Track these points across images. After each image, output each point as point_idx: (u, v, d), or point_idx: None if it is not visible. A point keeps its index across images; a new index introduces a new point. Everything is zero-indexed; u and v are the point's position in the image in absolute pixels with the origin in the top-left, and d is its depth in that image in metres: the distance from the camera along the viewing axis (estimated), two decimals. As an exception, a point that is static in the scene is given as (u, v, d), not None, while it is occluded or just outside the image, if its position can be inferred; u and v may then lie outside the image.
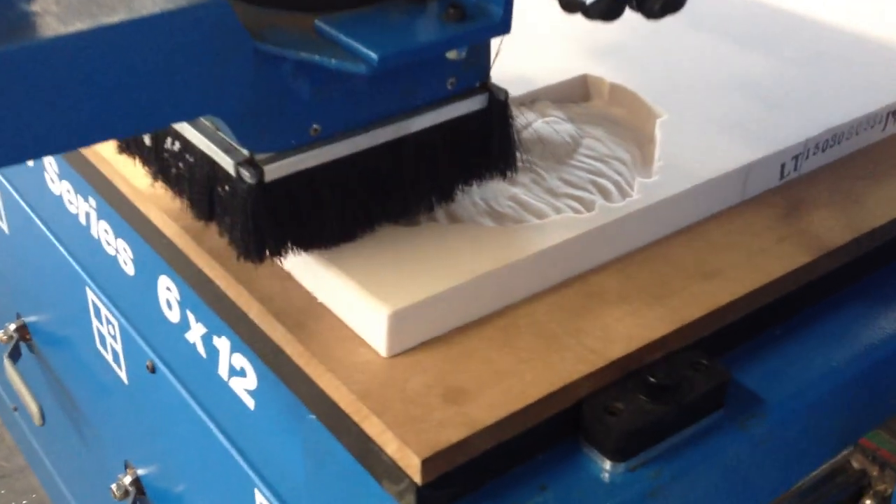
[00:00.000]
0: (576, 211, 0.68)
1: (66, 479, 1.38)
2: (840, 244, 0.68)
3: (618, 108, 0.80)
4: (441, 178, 0.64)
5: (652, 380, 0.57)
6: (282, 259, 0.61)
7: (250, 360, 0.70)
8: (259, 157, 0.56)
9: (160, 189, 0.70)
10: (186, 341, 0.78)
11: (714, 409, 0.59)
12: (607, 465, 0.56)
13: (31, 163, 0.98)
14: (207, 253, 0.66)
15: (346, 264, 0.60)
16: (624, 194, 0.70)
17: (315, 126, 0.57)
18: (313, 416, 0.59)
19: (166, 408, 0.88)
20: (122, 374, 0.96)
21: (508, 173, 0.66)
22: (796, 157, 0.74)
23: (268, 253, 0.59)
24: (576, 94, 0.82)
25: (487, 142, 0.64)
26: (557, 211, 0.68)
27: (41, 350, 1.25)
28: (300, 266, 0.63)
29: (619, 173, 0.72)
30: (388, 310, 0.57)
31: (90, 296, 0.96)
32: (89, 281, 0.96)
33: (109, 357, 0.98)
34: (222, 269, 0.64)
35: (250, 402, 0.72)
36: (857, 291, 0.70)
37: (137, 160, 0.68)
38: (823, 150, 0.75)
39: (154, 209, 0.70)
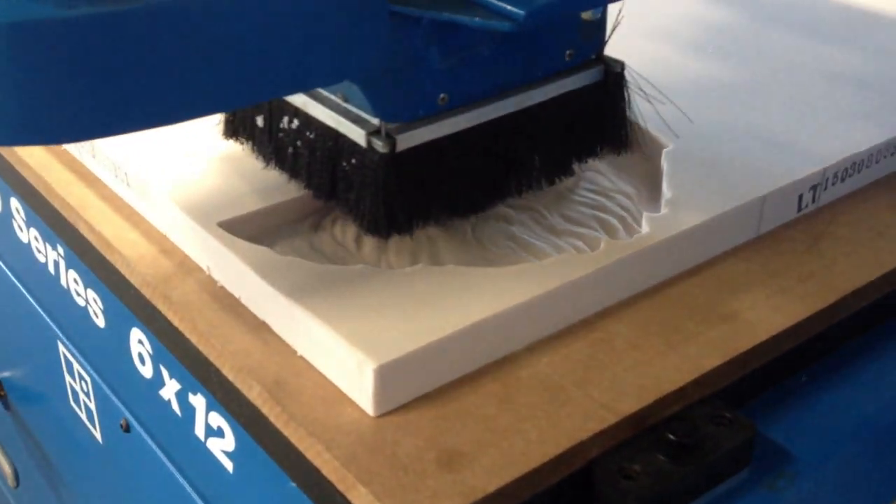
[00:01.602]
0: (578, 250, 0.63)
1: (44, 542, 1.32)
2: (867, 281, 0.63)
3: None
4: (558, 152, 0.64)
5: (671, 437, 0.51)
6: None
7: (227, 420, 0.64)
8: (388, 127, 0.56)
9: (128, 235, 0.66)
10: (161, 398, 0.73)
11: (740, 469, 0.53)
12: (623, 534, 0.50)
13: (-2, 209, 0.94)
14: (178, 303, 0.60)
15: (328, 313, 0.55)
16: (630, 231, 0.65)
17: (443, 95, 0.57)
18: (294, 485, 0.54)
19: (142, 469, 0.82)
20: (97, 433, 0.91)
21: (622, 149, 0.66)
22: (815, 188, 0.69)
23: (394, 226, 0.59)
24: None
25: (602, 115, 0.64)
26: (559, 250, 0.63)
27: (16, 406, 1.20)
28: (278, 316, 0.57)
29: (625, 208, 0.67)
30: (375, 363, 0.51)
31: (62, 349, 0.92)
32: (60, 334, 0.91)
33: (83, 415, 0.93)
34: (193, 321, 0.59)
35: (229, 465, 0.66)
36: (889, 331, 0.65)
37: (248, 144, 0.67)
38: (843, 180, 0.70)
39: (120, 257, 0.65)
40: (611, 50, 0.65)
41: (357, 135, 0.57)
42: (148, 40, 0.43)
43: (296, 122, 0.61)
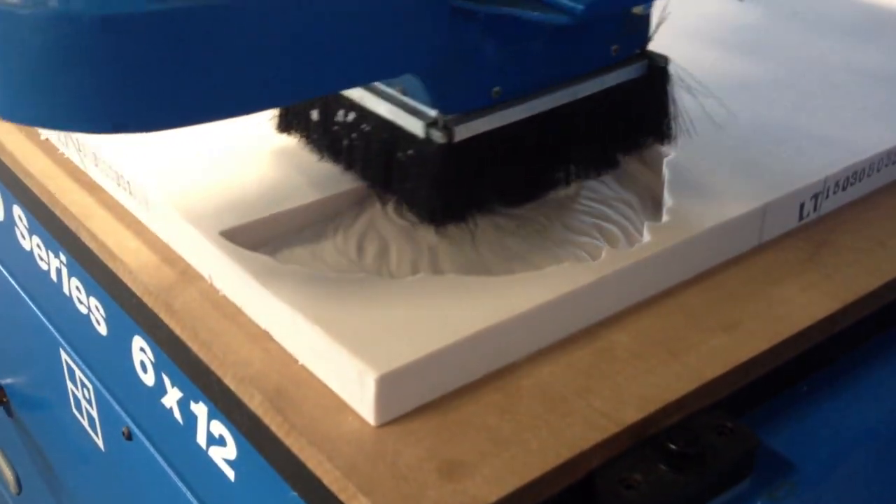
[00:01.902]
0: (580, 259, 0.63)
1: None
2: (869, 290, 0.62)
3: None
4: (604, 144, 0.66)
5: (672, 447, 0.51)
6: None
7: (229, 429, 0.64)
8: (445, 119, 0.58)
9: (130, 244, 0.66)
10: (163, 406, 0.73)
11: (741, 478, 0.53)
12: (624, 544, 0.50)
13: (0, 216, 0.94)
14: (180, 312, 0.60)
15: (329, 322, 0.55)
16: (631, 239, 0.65)
17: (496, 88, 0.59)
18: (295, 494, 0.54)
19: (144, 477, 0.82)
20: (99, 441, 0.91)
21: (664, 142, 0.68)
22: (816, 196, 0.69)
23: (449, 215, 0.61)
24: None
25: (646, 109, 0.66)
26: (560, 259, 0.63)
27: (18, 413, 1.20)
28: (279, 325, 0.57)
29: (626, 216, 0.67)
30: (376, 373, 0.51)
31: (64, 357, 0.91)
32: (62, 341, 0.91)
33: (85, 422, 0.93)
34: (195, 330, 0.59)
35: (230, 473, 0.66)
36: (890, 341, 0.65)
37: (301, 137, 0.69)
38: (844, 189, 0.70)
39: (123, 266, 0.65)
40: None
41: (415, 126, 0.59)
42: (232, 33, 0.46)
43: (351, 115, 0.63)
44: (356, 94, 0.62)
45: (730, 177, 0.69)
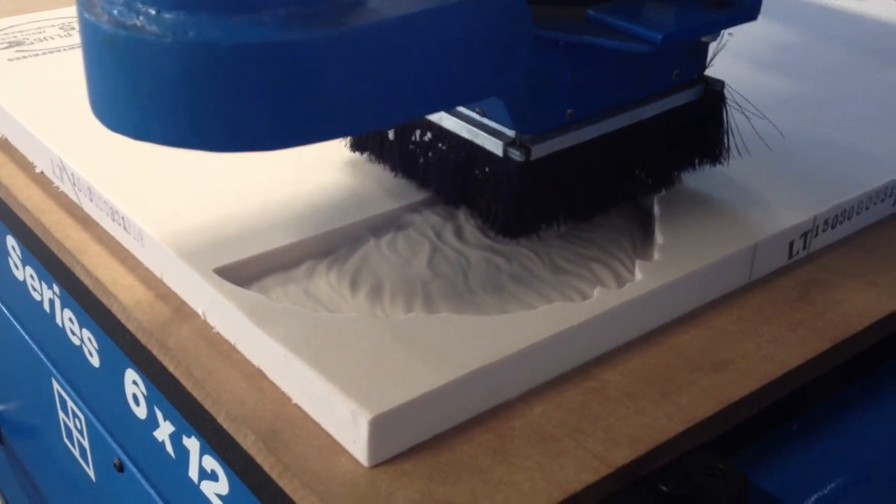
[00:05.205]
0: (571, 298, 0.63)
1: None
2: (858, 330, 0.63)
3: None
4: (663, 163, 0.70)
5: (664, 488, 0.51)
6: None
7: (222, 464, 0.64)
8: (523, 139, 0.61)
9: (124, 279, 0.66)
10: (155, 439, 0.73)
11: (732, 520, 0.53)
12: (615, 587, 0.50)
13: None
14: (173, 350, 0.60)
15: (323, 362, 0.55)
16: (623, 278, 0.65)
17: (570, 111, 0.62)
18: (287, 535, 0.54)
19: (135, 509, 0.82)
20: (90, 471, 0.90)
21: (721, 161, 0.71)
22: (805, 235, 0.69)
23: (525, 229, 0.65)
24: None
25: (702, 130, 0.70)
26: (552, 298, 0.63)
27: (9, 440, 1.19)
28: (272, 364, 0.57)
29: (617, 255, 0.67)
30: (370, 415, 0.51)
31: (56, 387, 0.91)
32: (55, 371, 0.90)
33: (77, 452, 0.92)
34: (188, 367, 0.59)
35: (222, 509, 0.66)
36: (880, 379, 0.65)
37: (373, 157, 0.73)
38: (833, 227, 0.71)
39: (116, 303, 0.65)
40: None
41: (494, 145, 0.62)
42: (346, 61, 0.49)
43: (428, 135, 0.67)
44: (435, 115, 0.65)
45: (720, 215, 0.69)
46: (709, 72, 0.70)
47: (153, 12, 0.48)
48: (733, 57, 0.78)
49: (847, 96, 0.90)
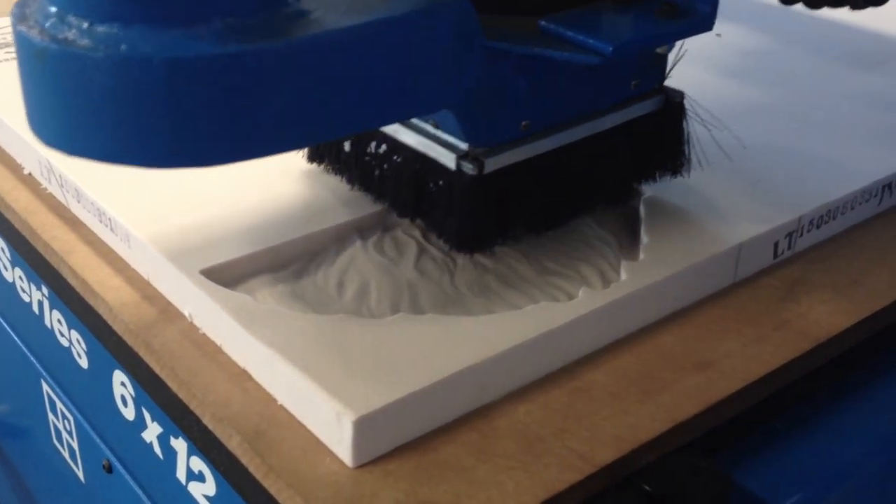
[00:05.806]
0: (557, 298, 0.63)
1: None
2: (842, 329, 0.63)
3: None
4: (622, 174, 0.69)
5: (647, 488, 0.51)
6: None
7: (208, 465, 0.64)
8: (476, 151, 0.60)
9: (111, 281, 0.66)
10: (143, 440, 0.73)
11: (715, 519, 0.54)
12: (599, 587, 0.51)
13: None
14: (159, 351, 0.60)
15: (308, 363, 0.55)
16: (608, 278, 0.65)
17: (525, 122, 0.62)
18: (272, 536, 0.54)
19: (124, 510, 0.82)
20: (79, 472, 0.90)
21: (680, 173, 0.71)
22: (790, 235, 0.69)
23: (479, 243, 0.64)
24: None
25: (662, 141, 0.69)
26: (537, 299, 0.63)
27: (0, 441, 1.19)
28: (258, 365, 0.58)
29: (603, 255, 0.68)
30: (354, 415, 0.52)
31: (45, 388, 0.91)
32: (44, 372, 0.91)
33: (66, 453, 0.92)
34: (174, 369, 0.59)
35: (210, 509, 0.66)
36: (864, 378, 0.65)
37: (330, 168, 0.72)
38: (818, 227, 0.71)
39: (103, 304, 0.65)
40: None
41: (447, 158, 0.61)
42: (287, 74, 0.48)
43: (383, 147, 0.66)
44: (391, 127, 0.64)
45: (706, 215, 0.70)
46: (676, 79, 0.69)
47: (85, 25, 0.46)
48: (695, 64, 0.76)
49: (822, 102, 0.90)
